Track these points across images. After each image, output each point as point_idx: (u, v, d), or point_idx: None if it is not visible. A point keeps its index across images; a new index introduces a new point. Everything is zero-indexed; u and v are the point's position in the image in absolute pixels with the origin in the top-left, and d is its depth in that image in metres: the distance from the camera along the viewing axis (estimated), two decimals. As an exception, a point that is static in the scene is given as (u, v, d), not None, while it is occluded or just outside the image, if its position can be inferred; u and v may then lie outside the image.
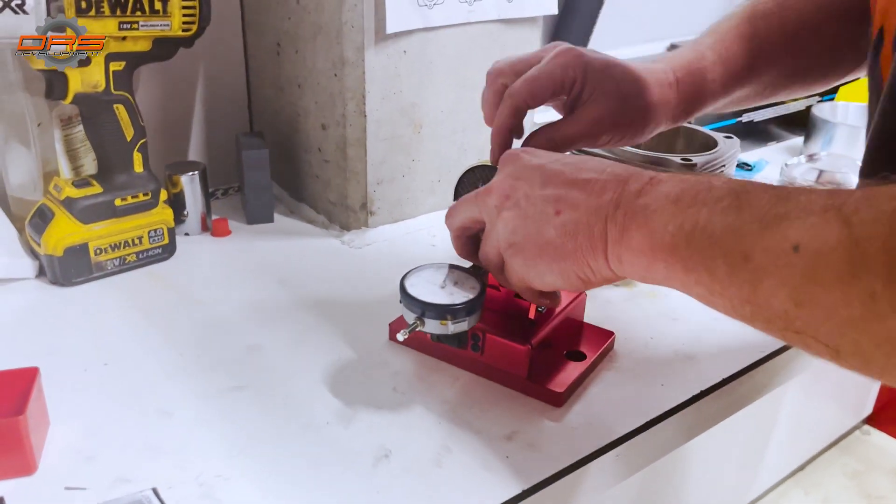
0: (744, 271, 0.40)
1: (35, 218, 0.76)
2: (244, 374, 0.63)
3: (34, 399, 0.53)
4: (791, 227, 0.38)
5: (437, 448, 0.56)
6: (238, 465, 0.53)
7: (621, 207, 0.47)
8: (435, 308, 0.54)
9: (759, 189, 0.41)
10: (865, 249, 0.35)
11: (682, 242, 0.43)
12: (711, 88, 0.64)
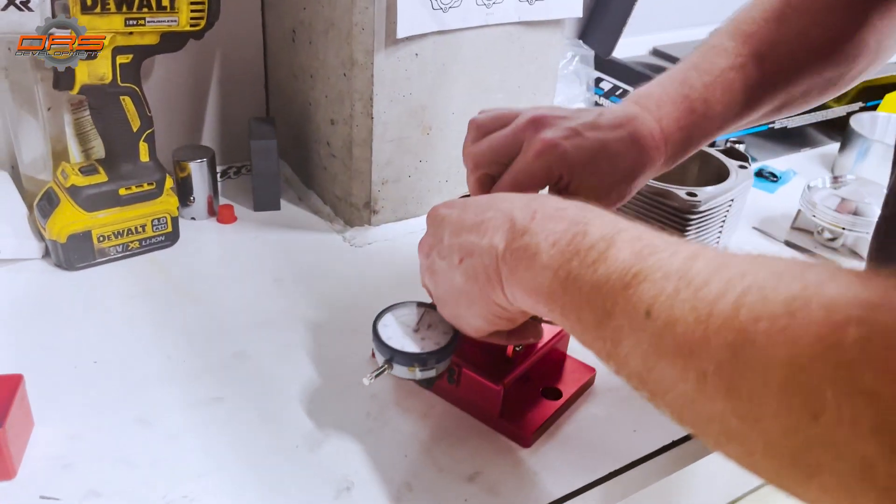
0: (607, 328, 0.40)
1: (42, 201, 0.78)
2: (225, 385, 0.65)
3: (16, 407, 0.55)
4: (647, 289, 0.38)
5: (399, 485, 0.57)
6: (204, 487, 0.55)
7: (508, 248, 0.47)
8: (403, 356, 0.54)
9: (629, 240, 0.41)
10: (706, 326, 0.34)
11: (558, 289, 0.43)
12: (699, 139, 0.62)
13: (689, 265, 0.38)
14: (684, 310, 0.36)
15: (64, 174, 0.77)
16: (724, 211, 0.76)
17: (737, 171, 0.78)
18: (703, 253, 0.39)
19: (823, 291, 0.32)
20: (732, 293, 0.34)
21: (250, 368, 0.67)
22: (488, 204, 0.51)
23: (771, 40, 0.60)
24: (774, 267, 0.35)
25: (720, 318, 0.34)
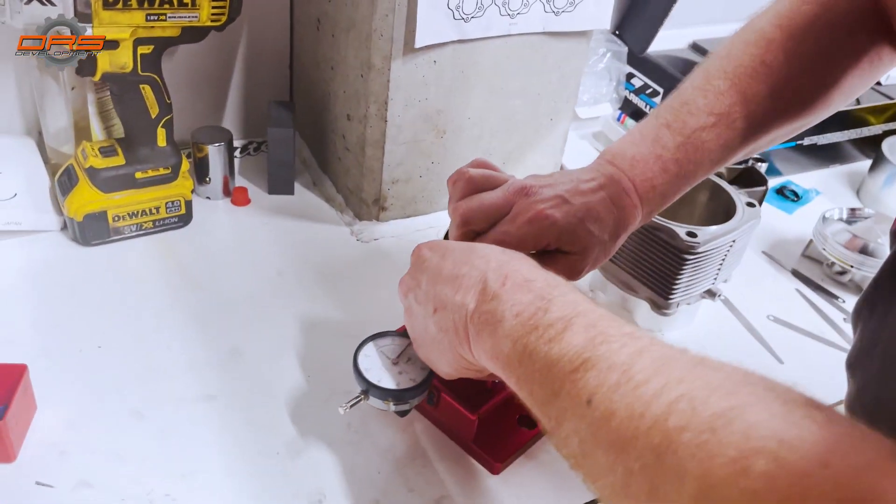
0: (553, 406, 0.43)
1: (63, 177, 0.81)
2: (218, 382, 0.69)
3: (19, 396, 0.59)
4: (592, 378, 0.40)
5: (369, 502, 0.60)
6: (186, 487, 0.59)
7: (477, 309, 0.49)
8: (379, 390, 0.57)
9: (584, 326, 0.43)
10: (638, 425, 0.36)
11: (515, 360, 0.46)
12: (673, 195, 0.63)
13: (634, 360, 0.40)
14: (622, 404, 0.38)
15: (84, 154, 0.80)
16: (724, 251, 0.76)
17: (743, 210, 0.77)
18: (650, 349, 0.40)
19: (746, 415, 0.34)
20: (666, 397, 0.36)
21: (244, 367, 0.71)
22: (466, 257, 0.52)
23: (742, 101, 0.60)
24: (711, 378, 0.37)
25: (651, 419, 0.36)
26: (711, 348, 0.81)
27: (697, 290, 0.78)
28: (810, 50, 0.61)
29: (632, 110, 1.20)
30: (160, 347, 0.71)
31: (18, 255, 0.79)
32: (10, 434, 0.58)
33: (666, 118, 0.62)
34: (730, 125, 0.61)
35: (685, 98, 0.62)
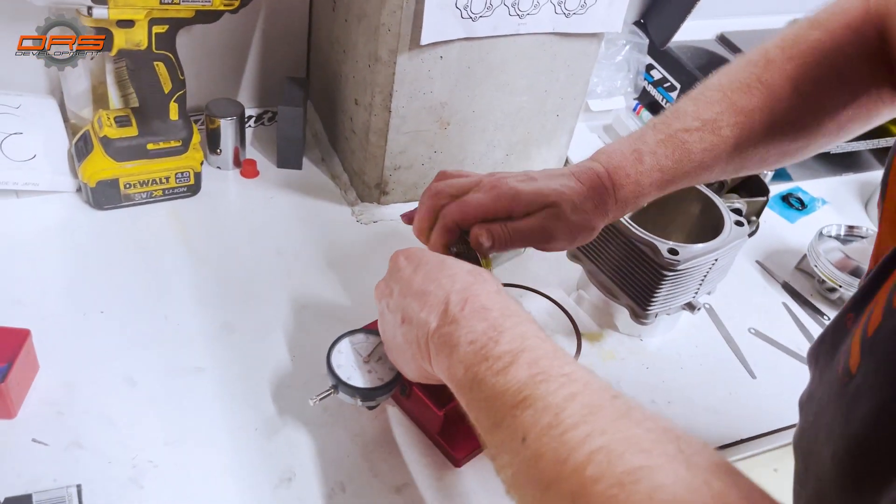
0: (495, 436, 0.46)
1: (80, 142, 0.85)
2: (209, 355, 0.73)
3: (21, 358, 0.64)
4: (529, 416, 0.43)
5: (334, 484, 0.65)
6: (168, 456, 0.64)
7: (438, 330, 0.52)
8: (347, 387, 0.61)
9: (528, 362, 0.46)
10: (561, 470, 0.39)
11: (466, 387, 0.49)
12: (648, 188, 0.64)
13: (566, 405, 0.43)
14: (549, 447, 0.41)
15: (100, 122, 0.83)
16: (705, 269, 0.77)
17: (730, 229, 0.78)
18: (583, 394, 0.43)
19: (654, 476, 0.37)
20: (588, 447, 0.40)
21: (233, 342, 0.75)
22: (435, 275, 0.55)
23: (731, 111, 0.62)
24: (632, 433, 0.40)
25: (572, 466, 0.39)
26: (688, 357, 0.83)
27: (677, 302, 0.80)
28: (807, 74, 0.62)
29: (649, 101, 1.20)
30: (158, 317, 0.76)
31: (34, 214, 0.84)
32: (10, 394, 0.63)
33: (654, 122, 0.65)
34: (715, 132, 0.63)
35: (677, 106, 0.65)
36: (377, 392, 0.61)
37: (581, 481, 0.38)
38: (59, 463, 0.62)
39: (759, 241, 1.01)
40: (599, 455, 0.39)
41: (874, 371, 0.37)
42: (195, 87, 0.96)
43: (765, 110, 0.62)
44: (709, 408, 0.78)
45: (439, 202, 0.62)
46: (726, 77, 0.65)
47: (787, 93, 0.62)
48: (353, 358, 0.63)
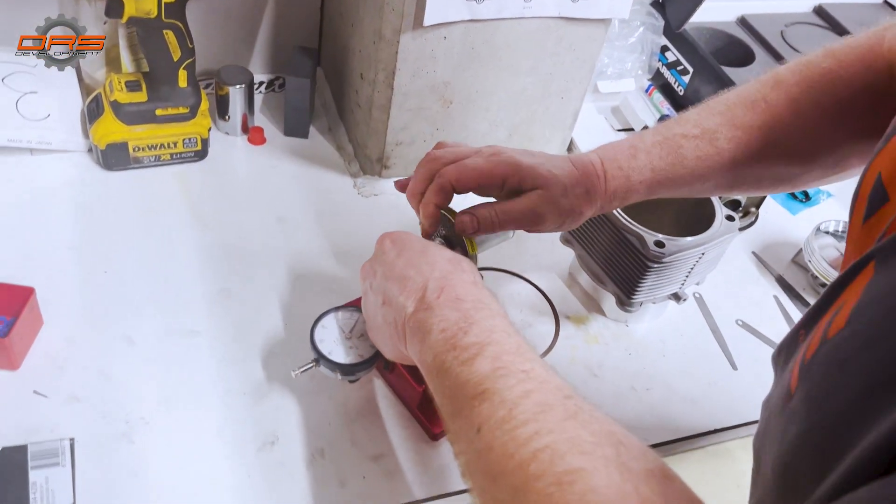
0: (454, 423, 0.49)
1: (92, 103, 0.87)
2: (205, 319, 0.76)
3: (25, 314, 0.68)
4: (485, 409, 0.46)
5: (314, 450, 0.68)
6: (159, 414, 0.68)
7: (414, 315, 0.54)
8: (328, 362, 0.63)
9: (492, 356, 0.48)
10: (507, 464, 0.42)
11: (434, 372, 0.51)
12: (638, 186, 0.65)
13: (520, 401, 0.45)
14: (499, 441, 0.44)
15: (111, 86, 0.85)
16: (692, 262, 0.78)
17: (721, 222, 0.79)
18: (537, 392, 0.46)
19: (588, 479, 0.40)
20: (535, 444, 0.42)
21: (230, 307, 0.78)
22: (416, 261, 0.58)
23: (731, 124, 0.63)
24: (576, 434, 0.43)
25: (518, 460, 0.42)
26: (672, 345, 0.85)
27: (662, 293, 0.81)
28: (811, 98, 0.62)
29: (661, 83, 1.19)
30: (158, 279, 0.79)
31: (47, 172, 0.87)
32: (13, 347, 0.67)
33: (657, 126, 0.66)
34: (712, 142, 0.64)
35: (683, 113, 0.66)
36: (356, 368, 0.64)
37: (524, 477, 0.41)
38: (58, 415, 0.66)
39: (756, 233, 1.02)
40: (544, 454, 0.41)
41: (804, 398, 0.38)
42: (208, 50, 0.98)
43: (763, 128, 0.63)
44: (686, 397, 0.80)
45: (437, 166, 0.63)
46: (735, 92, 0.66)
47: (788, 114, 0.63)
48: (336, 333, 0.66)
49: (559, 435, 0.42)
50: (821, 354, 0.39)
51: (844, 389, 0.35)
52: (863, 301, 0.38)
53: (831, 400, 0.36)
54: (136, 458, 0.65)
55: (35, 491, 0.58)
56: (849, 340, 0.37)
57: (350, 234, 0.88)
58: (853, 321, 0.37)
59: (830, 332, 0.39)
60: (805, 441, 0.37)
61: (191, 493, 0.63)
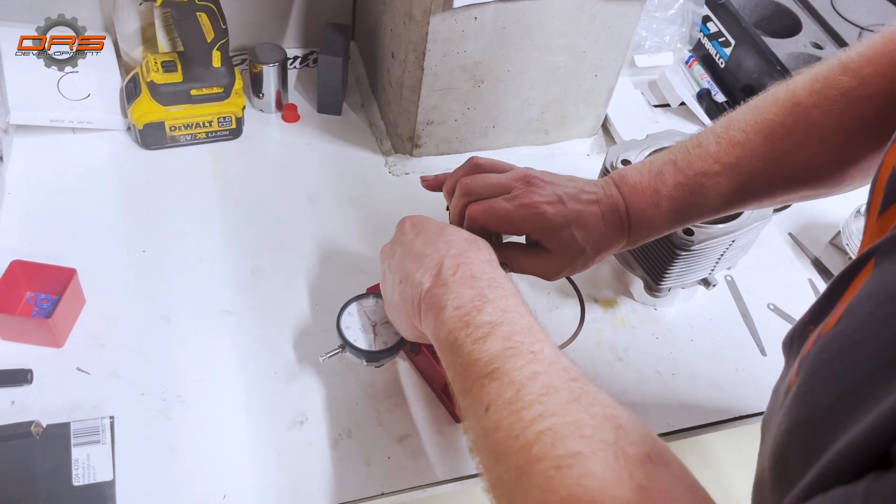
0: (464, 400, 0.51)
1: (130, 84, 0.89)
2: (237, 299, 0.79)
3: (68, 295, 0.71)
4: (494, 389, 0.47)
5: (342, 430, 0.71)
6: (195, 392, 0.71)
7: (430, 291, 0.56)
8: (354, 349, 0.65)
9: (503, 336, 0.50)
10: (511, 444, 0.44)
11: (447, 348, 0.53)
12: (660, 230, 0.65)
13: (527, 383, 0.47)
14: (506, 422, 0.46)
15: (147, 67, 0.87)
16: (721, 249, 0.77)
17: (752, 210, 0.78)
18: (543, 374, 0.47)
19: (587, 462, 0.41)
20: (538, 426, 0.44)
21: (261, 287, 0.80)
22: (434, 238, 0.59)
23: (752, 156, 0.61)
24: (579, 417, 0.44)
25: (522, 442, 0.44)
26: (700, 329, 0.85)
27: (691, 279, 0.81)
28: (833, 122, 0.60)
29: (702, 54, 1.16)
30: (194, 259, 0.81)
31: (88, 150, 0.89)
32: (56, 326, 0.70)
33: (676, 155, 0.64)
34: (733, 177, 0.62)
35: (700, 140, 0.64)
36: (381, 355, 0.65)
37: (527, 458, 0.43)
38: (99, 392, 0.69)
39: (795, 213, 1.00)
40: (546, 435, 0.43)
41: (794, 394, 0.39)
42: (241, 25, 0.99)
43: (785, 157, 0.61)
44: (713, 383, 0.80)
45: (467, 201, 0.64)
46: (752, 115, 0.63)
47: (810, 140, 0.60)
48: (361, 321, 0.67)
49: (562, 417, 0.44)
50: (812, 352, 0.39)
51: (826, 389, 0.36)
52: (855, 300, 0.38)
53: (816, 399, 0.36)
54: (173, 435, 0.68)
55: (77, 467, 0.62)
56: (836, 340, 0.37)
57: (381, 213, 0.89)
58: (843, 320, 0.38)
59: (824, 329, 0.39)
60: (792, 437, 0.38)
61: (224, 469, 0.66)
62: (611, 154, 0.80)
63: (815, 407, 0.36)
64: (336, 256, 0.84)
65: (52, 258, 0.75)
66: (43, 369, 0.70)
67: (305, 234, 0.86)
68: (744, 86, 1.09)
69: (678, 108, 1.08)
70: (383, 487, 0.67)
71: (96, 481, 0.62)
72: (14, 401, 0.67)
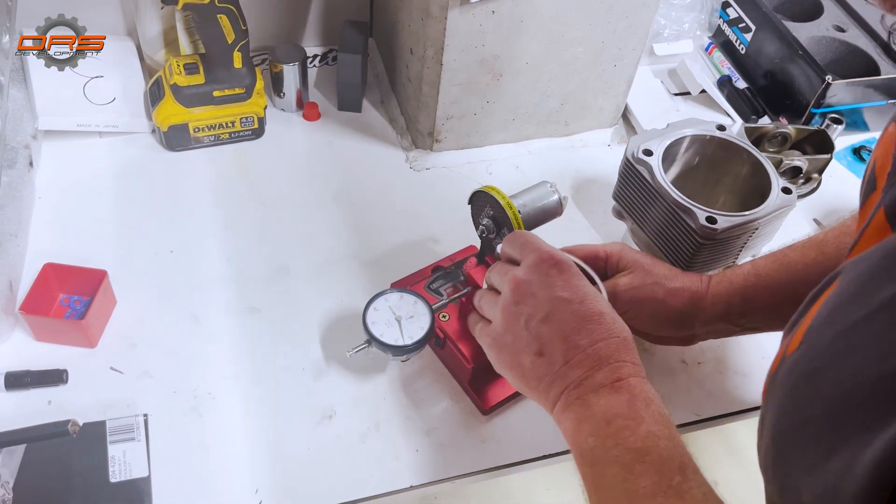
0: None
1: (154, 87, 0.91)
2: (263, 296, 0.80)
3: (100, 296, 0.72)
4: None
5: (370, 424, 0.71)
6: (225, 388, 0.72)
7: (576, 391, 0.54)
8: (380, 344, 0.66)
9: (654, 467, 0.48)
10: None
11: (587, 458, 0.52)
12: (753, 295, 0.69)
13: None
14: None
15: (170, 70, 0.88)
16: (745, 237, 0.77)
17: (777, 195, 0.77)
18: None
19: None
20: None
21: (287, 285, 0.81)
22: (590, 328, 0.55)
23: (835, 233, 0.68)
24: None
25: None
26: (725, 318, 0.84)
27: (716, 266, 0.80)
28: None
29: (722, 41, 1.15)
30: (220, 258, 0.83)
31: (113, 154, 0.91)
32: (89, 328, 0.71)
33: (759, 270, 0.70)
34: (819, 248, 0.68)
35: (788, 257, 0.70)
36: (407, 349, 0.66)
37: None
38: (132, 390, 0.71)
39: (820, 198, 0.99)
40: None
41: (770, 413, 0.39)
42: (261, 25, 1.00)
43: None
44: (738, 370, 0.80)
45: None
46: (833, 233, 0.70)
47: None
48: (386, 316, 0.68)
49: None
50: (780, 373, 0.39)
51: (792, 417, 0.37)
52: (815, 321, 0.38)
53: (783, 421, 0.37)
54: (205, 431, 0.69)
55: (114, 464, 0.63)
56: (798, 363, 0.38)
57: (403, 207, 0.90)
58: (805, 342, 0.38)
59: (789, 349, 0.39)
60: (768, 454, 0.39)
61: (255, 463, 0.67)
62: (631, 144, 0.80)
63: (782, 430, 0.37)
64: (360, 252, 0.85)
65: (84, 260, 0.76)
66: (77, 369, 0.71)
67: (329, 231, 0.87)
68: (765, 71, 1.08)
69: (699, 95, 1.07)
70: (412, 480, 0.68)
71: (133, 477, 0.63)
72: (50, 400, 0.69)
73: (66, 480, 0.62)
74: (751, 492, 0.47)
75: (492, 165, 0.96)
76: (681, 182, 0.84)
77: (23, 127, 0.83)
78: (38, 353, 0.72)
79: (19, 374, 0.69)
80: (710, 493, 0.47)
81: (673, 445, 0.50)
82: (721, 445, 1.55)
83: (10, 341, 0.73)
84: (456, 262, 0.79)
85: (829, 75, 0.98)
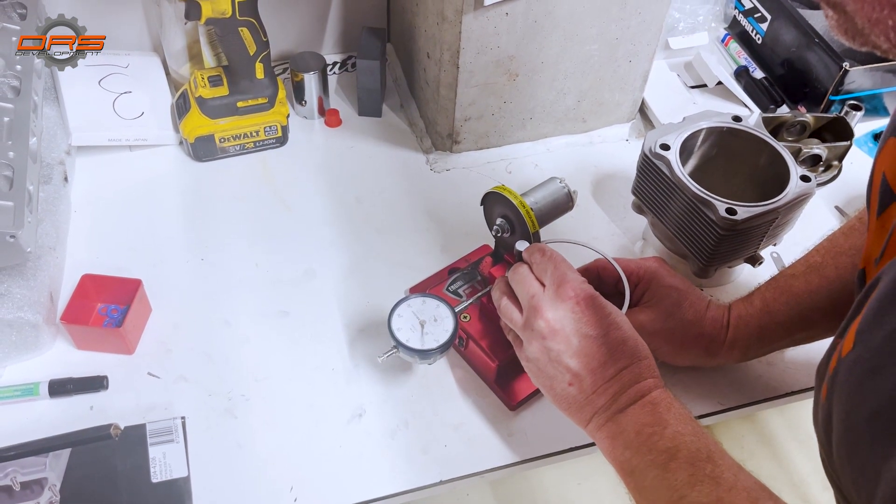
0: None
1: (180, 99, 0.93)
2: (292, 299, 0.82)
3: (136, 304, 0.75)
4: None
5: (399, 421, 0.73)
6: (258, 390, 0.74)
7: (606, 413, 0.60)
8: (405, 348, 0.68)
9: (686, 460, 0.53)
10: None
11: (626, 469, 0.58)
12: (763, 327, 0.72)
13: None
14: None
15: (195, 83, 0.91)
16: (766, 227, 0.78)
17: (795, 184, 0.78)
18: (726, 499, 0.51)
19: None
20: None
21: (315, 287, 0.83)
22: (612, 352, 0.61)
23: (835, 252, 0.72)
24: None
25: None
26: (748, 308, 0.85)
27: (737, 257, 0.81)
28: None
29: (738, 31, 1.15)
30: (250, 264, 0.85)
31: (144, 166, 0.94)
32: (127, 335, 0.74)
33: (777, 288, 0.74)
34: (819, 273, 0.71)
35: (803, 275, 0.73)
36: (432, 353, 0.68)
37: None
38: (169, 393, 0.74)
39: (841, 185, 0.98)
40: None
41: (835, 410, 0.42)
42: (281, 34, 1.02)
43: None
44: (763, 359, 0.80)
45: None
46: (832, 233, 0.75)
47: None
48: (411, 321, 0.70)
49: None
50: (840, 374, 0.42)
51: (860, 410, 0.40)
52: (863, 323, 0.41)
53: (853, 416, 0.41)
54: (240, 432, 0.71)
55: (155, 465, 0.66)
56: (857, 364, 0.41)
57: (424, 209, 0.92)
58: (858, 343, 0.41)
59: (843, 350, 0.42)
60: (841, 446, 0.41)
61: (289, 462, 0.70)
62: (648, 139, 0.81)
63: (851, 426, 0.41)
64: (384, 253, 0.87)
65: (119, 270, 0.79)
66: (117, 375, 0.74)
67: (354, 234, 0.89)
68: (782, 60, 1.08)
69: (715, 87, 1.08)
70: (441, 475, 0.70)
71: (173, 478, 0.66)
72: (92, 406, 0.72)
73: (111, 482, 0.65)
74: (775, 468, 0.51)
75: (511, 164, 0.98)
76: (699, 175, 0.85)
77: (57, 144, 0.86)
78: (80, 361, 0.75)
79: (62, 381, 0.72)
80: (741, 472, 0.52)
81: (698, 439, 0.55)
82: (754, 435, 1.55)
83: (52, 350, 0.76)
84: (471, 262, 0.80)
85: (847, 62, 0.98)
